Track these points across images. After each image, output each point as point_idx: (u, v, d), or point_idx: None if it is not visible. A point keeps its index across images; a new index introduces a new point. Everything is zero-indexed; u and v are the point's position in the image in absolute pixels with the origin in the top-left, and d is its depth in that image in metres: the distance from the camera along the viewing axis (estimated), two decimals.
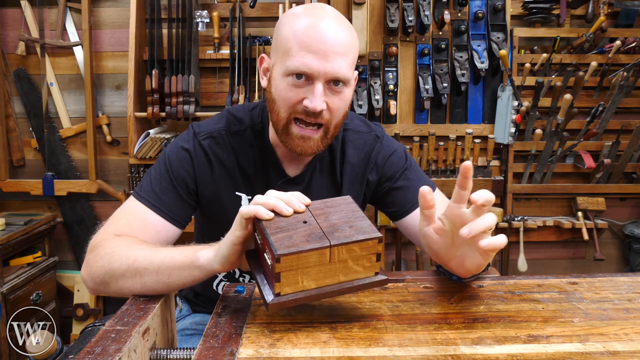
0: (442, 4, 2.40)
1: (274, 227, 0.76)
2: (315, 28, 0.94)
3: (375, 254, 0.78)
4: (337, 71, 0.95)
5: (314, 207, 0.81)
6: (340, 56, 0.95)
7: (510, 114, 2.39)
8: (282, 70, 0.97)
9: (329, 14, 0.98)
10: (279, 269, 0.72)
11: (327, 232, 0.76)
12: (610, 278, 0.99)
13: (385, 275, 0.80)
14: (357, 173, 1.16)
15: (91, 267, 0.93)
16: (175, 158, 1.08)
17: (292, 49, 0.95)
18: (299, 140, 1.01)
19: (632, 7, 2.46)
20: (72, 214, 2.63)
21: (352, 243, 0.75)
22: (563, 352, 0.70)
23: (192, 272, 0.85)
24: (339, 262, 0.76)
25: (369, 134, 1.18)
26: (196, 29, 2.41)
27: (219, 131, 1.10)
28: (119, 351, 0.68)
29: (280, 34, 0.99)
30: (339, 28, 0.96)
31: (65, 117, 2.57)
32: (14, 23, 2.53)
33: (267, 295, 0.75)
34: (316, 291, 0.76)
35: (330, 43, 0.94)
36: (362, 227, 0.77)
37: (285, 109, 0.99)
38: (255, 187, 1.11)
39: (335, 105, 0.99)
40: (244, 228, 0.79)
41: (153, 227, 1.02)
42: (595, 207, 2.54)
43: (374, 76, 2.42)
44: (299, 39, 0.94)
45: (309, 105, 0.96)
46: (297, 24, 0.96)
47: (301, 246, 0.73)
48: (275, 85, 1.00)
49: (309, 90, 0.96)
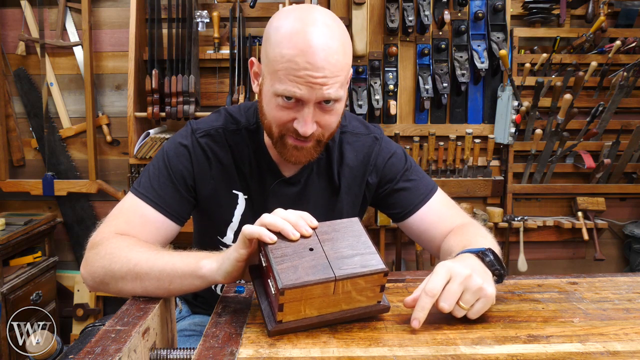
0: (442, 4, 2.40)
1: (279, 253, 0.75)
2: (304, 53, 0.88)
3: (379, 285, 0.78)
4: (327, 95, 0.92)
5: (320, 230, 0.79)
6: (331, 79, 0.91)
7: (510, 114, 2.38)
8: (272, 91, 0.94)
9: (318, 24, 0.91)
10: (282, 301, 0.72)
11: (332, 263, 0.75)
12: (610, 278, 0.99)
13: (388, 304, 0.81)
14: (355, 176, 1.15)
15: (91, 266, 0.93)
16: (174, 154, 1.07)
17: (280, 72, 0.91)
18: (293, 150, 1.00)
19: (632, 7, 2.46)
20: (72, 214, 2.63)
21: (357, 277, 0.75)
22: (563, 352, 0.70)
23: (193, 281, 0.85)
24: (343, 294, 0.76)
25: (368, 136, 1.17)
26: (196, 29, 2.41)
27: (217, 129, 1.10)
28: (119, 351, 0.68)
29: (268, 49, 0.94)
30: (329, 46, 0.90)
31: (65, 117, 2.57)
32: (14, 23, 2.53)
33: (269, 322, 0.76)
34: (317, 319, 0.77)
35: (320, 68, 0.89)
36: (368, 259, 0.76)
37: (277, 127, 0.98)
38: (251, 186, 1.11)
39: (327, 122, 0.97)
40: (247, 247, 0.79)
41: (153, 225, 1.02)
42: (595, 207, 2.54)
43: (374, 76, 2.41)
44: (286, 63, 0.90)
45: (299, 129, 0.94)
46: (285, 45, 0.90)
47: (306, 279, 0.72)
48: (266, 101, 0.97)
49: (298, 111, 0.94)
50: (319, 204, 1.14)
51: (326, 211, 1.15)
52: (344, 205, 1.16)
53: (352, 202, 1.17)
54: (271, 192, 1.11)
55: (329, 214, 1.15)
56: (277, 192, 1.11)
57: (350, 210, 1.18)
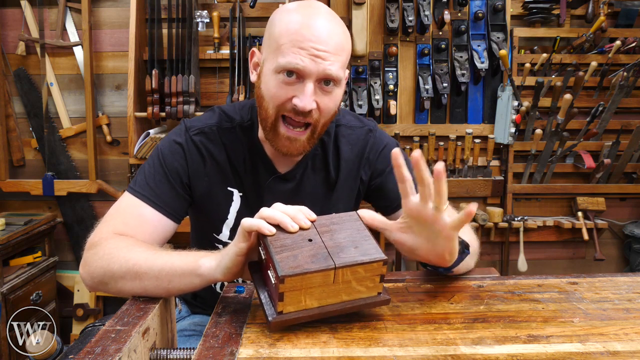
0: (442, 4, 2.40)
1: (278, 244, 0.75)
2: (309, 26, 0.94)
3: (379, 275, 0.78)
4: (329, 71, 0.94)
5: (319, 223, 0.80)
6: (333, 55, 0.95)
7: (510, 114, 2.38)
8: (273, 67, 0.96)
9: (322, 12, 0.98)
10: (282, 289, 0.72)
11: (332, 252, 0.75)
12: (610, 278, 0.99)
13: (388, 296, 0.81)
14: (351, 169, 1.16)
15: (90, 266, 0.93)
16: (169, 152, 1.08)
17: (284, 46, 0.94)
18: (285, 141, 1.00)
19: (632, 7, 2.46)
20: (72, 214, 2.63)
21: (356, 265, 0.75)
22: (563, 352, 0.70)
23: (192, 280, 0.85)
24: (343, 283, 0.76)
25: (362, 129, 1.18)
26: (196, 29, 2.41)
27: (211, 127, 1.10)
28: (119, 351, 0.68)
29: (273, 29, 0.98)
30: (332, 26, 0.96)
31: (65, 117, 2.57)
32: (14, 23, 2.53)
33: (270, 314, 0.76)
34: (318, 310, 0.77)
35: (323, 42, 0.93)
36: (368, 249, 0.77)
37: (274, 106, 0.98)
38: (245, 183, 1.11)
39: (325, 105, 0.99)
40: (247, 240, 0.79)
41: (150, 223, 1.02)
42: (595, 207, 2.54)
43: (374, 76, 2.41)
44: (291, 36, 0.94)
45: (298, 104, 0.95)
46: (291, 20, 0.96)
47: (306, 267, 0.72)
48: (265, 81, 0.99)
49: (298, 89, 0.96)
50: (314, 199, 1.14)
51: (322, 206, 1.15)
52: (339, 200, 1.17)
53: (348, 195, 1.18)
54: (266, 188, 1.11)
55: (325, 208, 1.15)
56: (272, 189, 1.11)
57: (346, 205, 1.18)
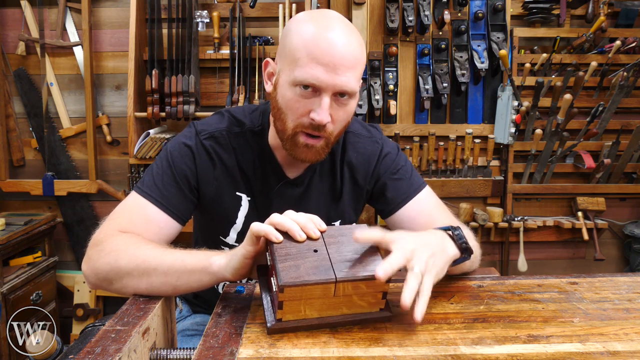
0: (442, 4, 2.40)
1: (283, 252, 0.75)
2: (326, 39, 0.93)
3: (381, 292, 0.78)
4: (346, 85, 0.94)
5: (328, 234, 0.80)
6: (349, 69, 0.94)
7: (510, 114, 2.38)
8: (290, 79, 0.95)
9: (338, 23, 0.96)
10: (282, 298, 0.73)
11: (335, 265, 0.75)
12: (610, 278, 0.99)
13: (390, 312, 0.80)
14: (357, 176, 1.16)
15: (95, 263, 0.93)
16: (178, 154, 1.08)
17: (300, 59, 0.93)
18: (304, 149, 1.00)
19: (632, 7, 2.46)
20: (72, 214, 2.63)
21: (358, 280, 0.75)
22: (563, 352, 0.71)
23: (202, 277, 0.85)
24: (344, 297, 0.76)
25: (370, 139, 1.18)
26: (196, 29, 2.40)
27: (221, 131, 1.10)
28: (119, 351, 0.68)
29: (289, 41, 0.97)
30: (348, 39, 0.94)
31: (65, 117, 2.57)
32: (14, 23, 2.53)
33: (269, 320, 0.76)
34: (318, 320, 0.77)
35: (339, 55, 0.92)
36: (372, 264, 0.76)
37: (293, 120, 0.98)
38: (254, 188, 1.11)
39: (339, 118, 0.99)
40: (255, 244, 0.79)
41: (156, 223, 1.02)
42: (595, 207, 2.54)
43: (374, 76, 2.41)
44: (308, 49, 0.93)
45: (315, 118, 0.95)
46: (307, 32, 0.94)
47: (306, 278, 0.73)
48: (282, 93, 0.98)
49: (315, 102, 0.95)
50: (321, 204, 1.15)
51: (328, 211, 1.15)
52: (345, 205, 1.17)
53: (353, 200, 1.18)
54: (275, 193, 1.11)
55: (331, 213, 1.16)
56: (281, 194, 1.11)
57: (351, 210, 1.18)
